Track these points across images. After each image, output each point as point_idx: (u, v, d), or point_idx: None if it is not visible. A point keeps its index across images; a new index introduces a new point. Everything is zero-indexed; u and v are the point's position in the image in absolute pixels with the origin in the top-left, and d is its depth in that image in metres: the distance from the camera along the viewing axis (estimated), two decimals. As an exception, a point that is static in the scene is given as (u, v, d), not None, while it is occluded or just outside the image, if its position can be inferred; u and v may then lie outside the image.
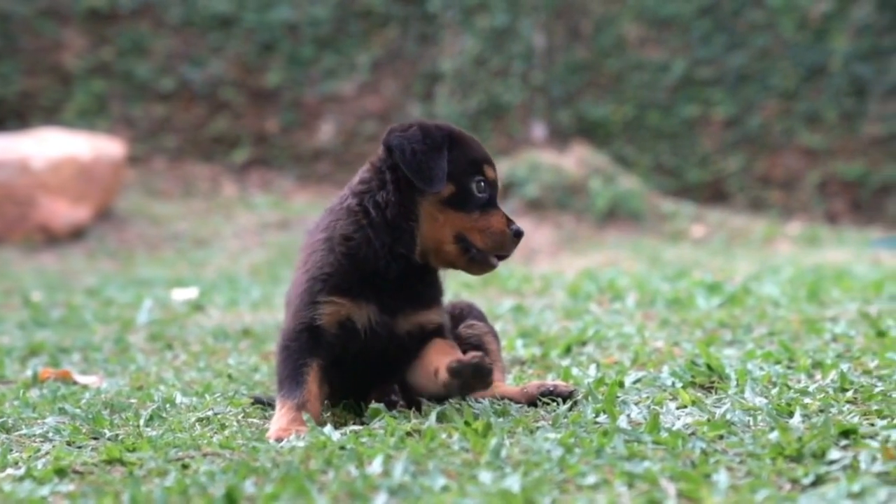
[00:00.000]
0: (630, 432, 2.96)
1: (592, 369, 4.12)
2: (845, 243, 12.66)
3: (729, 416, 3.13)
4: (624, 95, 15.60)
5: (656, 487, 2.56)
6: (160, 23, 15.49)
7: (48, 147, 12.37)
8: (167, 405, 3.92)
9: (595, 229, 13.28)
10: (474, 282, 7.33)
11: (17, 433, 3.50)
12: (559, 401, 3.47)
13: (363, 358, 3.33)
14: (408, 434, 3.08)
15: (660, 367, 4.09)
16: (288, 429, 3.15)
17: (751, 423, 3.09)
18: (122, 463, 3.02)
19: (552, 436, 2.94)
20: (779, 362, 4.06)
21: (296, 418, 3.18)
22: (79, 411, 3.76)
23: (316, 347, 3.27)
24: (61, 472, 2.92)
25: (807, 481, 2.58)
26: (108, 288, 8.88)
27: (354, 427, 3.19)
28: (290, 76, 15.66)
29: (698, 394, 3.52)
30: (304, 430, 3.11)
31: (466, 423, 3.06)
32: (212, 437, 3.29)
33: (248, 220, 13.66)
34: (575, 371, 4.08)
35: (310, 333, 3.27)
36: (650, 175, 15.24)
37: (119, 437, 3.36)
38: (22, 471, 2.94)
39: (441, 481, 2.62)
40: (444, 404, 3.30)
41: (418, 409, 3.38)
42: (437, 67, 15.70)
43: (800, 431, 2.89)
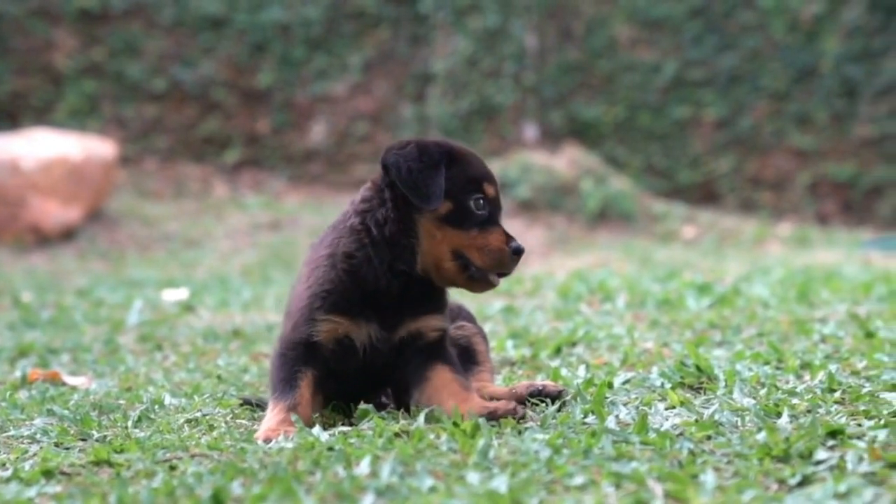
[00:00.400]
0: (618, 433, 2.97)
1: (582, 370, 4.12)
2: (836, 244, 12.69)
3: (717, 417, 3.13)
4: (615, 96, 15.62)
5: (643, 488, 2.56)
6: (152, 23, 15.48)
7: (39, 147, 12.35)
8: (156, 406, 3.91)
9: (586, 230, 13.30)
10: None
11: (4, 434, 3.49)
12: (548, 401, 3.47)
13: (362, 370, 3.34)
14: (396, 435, 3.08)
15: (649, 368, 4.09)
16: (277, 429, 3.15)
17: (739, 423, 3.09)
18: (109, 464, 3.02)
19: (540, 436, 2.94)
20: (767, 363, 4.07)
21: (285, 419, 3.19)
22: (67, 412, 3.75)
23: (312, 360, 3.29)
24: (48, 474, 2.92)
25: (794, 482, 2.59)
26: (99, 289, 8.87)
27: (343, 428, 3.19)
28: (282, 77, 15.65)
29: (687, 394, 3.53)
30: (293, 430, 3.12)
31: (455, 423, 3.06)
32: (200, 438, 3.29)
33: (239, 220, 13.65)
34: (564, 372, 4.08)
35: (306, 347, 3.29)
36: (641, 176, 15.26)
37: (107, 439, 3.35)
38: (9, 472, 2.94)
39: (429, 482, 2.62)
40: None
41: (407, 411, 3.38)
42: (428, 68, 15.71)
43: (787, 432, 2.90)
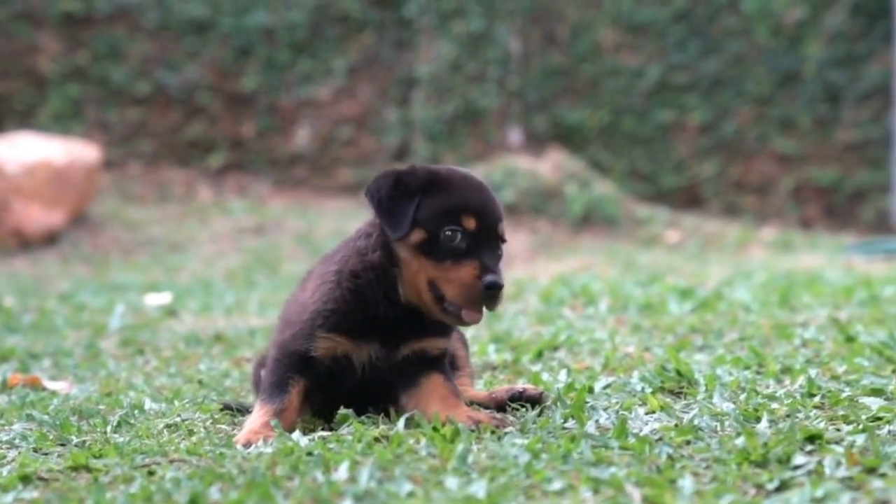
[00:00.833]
0: (598, 438, 2.97)
1: (563, 374, 4.12)
2: (818, 248, 12.73)
3: (696, 422, 3.14)
4: (599, 101, 15.64)
5: (622, 493, 2.56)
6: (136, 27, 15.44)
7: (22, 151, 12.30)
8: (136, 411, 3.90)
9: (570, 234, 13.31)
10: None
11: (-17, 440, 3.48)
12: (528, 406, 3.47)
13: (358, 387, 3.34)
14: (376, 440, 3.07)
15: (630, 373, 4.09)
16: (259, 432, 3.15)
17: (718, 428, 3.10)
18: (87, 469, 3.01)
19: (520, 441, 2.95)
20: (748, 367, 4.08)
21: (268, 423, 3.19)
22: (46, 417, 3.74)
23: (306, 371, 3.29)
24: (26, 479, 2.91)
25: (771, 486, 2.59)
26: (81, 293, 8.85)
27: (323, 433, 3.19)
28: (267, 81, 15.64)
29: (667, 399, 3.53)
30: (273, 436, 3.12)
31: (434, 428, 3.06)
32: (179, 443, 3.28)
33: (223, 224, 13.62)
34: (545, 376, 4.08)
35: (302, 359, 3.29)
36: (625, 180, 15.28)
37: (86, 444, 3.34)
38: (-14, 477, 2.93)
39: (407, 487, 2.62)
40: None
41: (387, 415, 3.37)
42: (413, 72, 15.71)
43: (766, 437, 2.90)
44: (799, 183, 15.32)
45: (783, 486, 2.60)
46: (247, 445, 3.09)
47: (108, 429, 3.57)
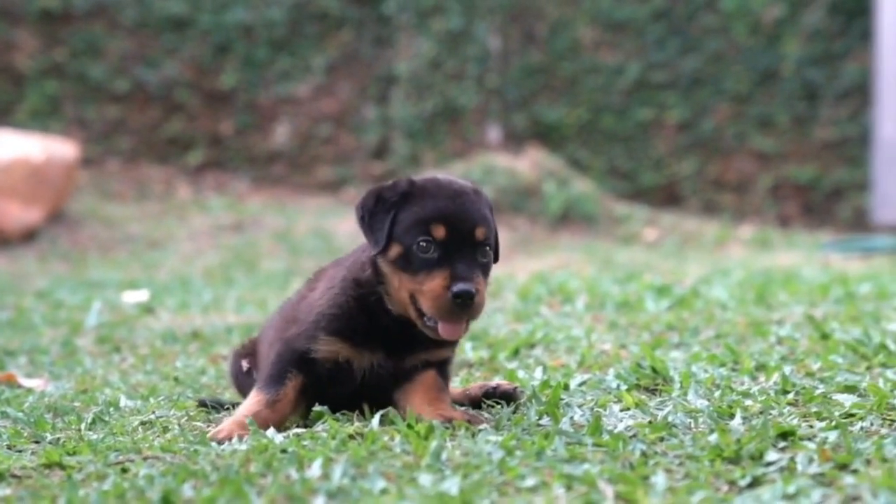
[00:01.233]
0: (572, 434, 2.98)
1: (539, 372, 4.13)
2: (796, 246, 12.77)
3: (670, 419, 3.15)
4: (578, 99, 15.66)
5: (594, 489, 2.57)
6: (114, 24, 15.38)
7: (-1, 148, 12.25)
8: (111, 408, 3.89)
9: (549, 232, 13.32)
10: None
11: (-44, 437, 3.47)
12: (503, 403, 3.48)
13: (357, 391, 3.34)
14: (350, 437, 3.08)
15: (606, 370, 4.10)
16: (241, 423, 3.17)
17: (692, 425, 3.11)
18: (61, 467, 3.00)
19: (494, 438, 2.95)
20: (723, 365, 4.09)
21: (248, 418, 3.18)
22: (21, 415, 3.73)
23: (306, 369, 3.29)
24: (-1, 477, 2.90)
25: (743, 483, 2.61)
26: (59, 290, 8.81)
27: (297, 430, 3.18)
28: (245, 78, 15.60)
29: (642, 396, 3.54)
30: (246, 434, 3.12)
31: (409, 425, 3.06)
32: (153, 440, 3.28)
33: (202, 222, 13.59)
34: (521, 373, 4.09)
35: (303, 358, 3.30)
36: (604, 178, 15.30)
37: (60, 441, 3.33)
38: (-41, 475, 2.92)
39: (380, 484, 2.62)
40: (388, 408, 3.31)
41: (362, 413, 3.37)
42: (392, 70, 15.70)
43: (739, 433, 2.92)
44: (777, 181, 15.37)
45: (755, 483, 2.61)
46: (220, 443, 3.09)
47: (83, 426, 3.56)
